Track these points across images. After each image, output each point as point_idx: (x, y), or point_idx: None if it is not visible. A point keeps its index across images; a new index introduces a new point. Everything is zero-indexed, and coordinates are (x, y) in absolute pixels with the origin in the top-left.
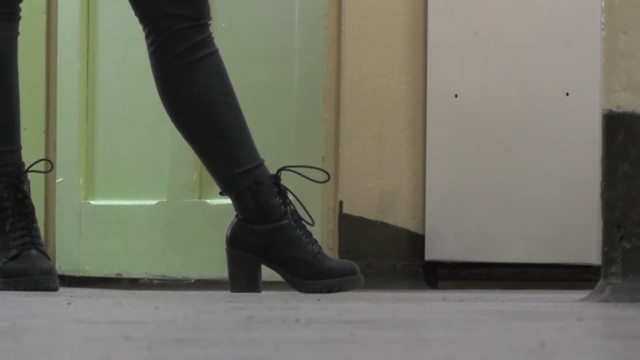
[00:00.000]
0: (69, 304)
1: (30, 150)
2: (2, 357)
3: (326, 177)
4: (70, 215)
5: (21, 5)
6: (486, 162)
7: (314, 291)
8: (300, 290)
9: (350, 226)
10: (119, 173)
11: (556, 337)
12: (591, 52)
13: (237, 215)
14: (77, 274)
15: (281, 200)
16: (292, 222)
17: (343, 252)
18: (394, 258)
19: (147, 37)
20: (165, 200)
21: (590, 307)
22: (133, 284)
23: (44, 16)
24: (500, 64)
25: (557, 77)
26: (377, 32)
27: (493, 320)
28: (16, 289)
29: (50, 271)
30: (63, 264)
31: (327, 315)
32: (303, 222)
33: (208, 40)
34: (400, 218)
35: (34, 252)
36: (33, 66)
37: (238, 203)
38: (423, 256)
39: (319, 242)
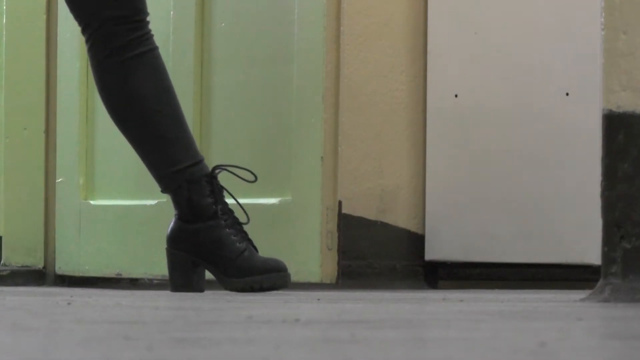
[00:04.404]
0: (69, 304)
1: (30, 150)
2: (2, 357)
3: (254, 178)
4: (70, 215)
5: (21, 5)
6: (486, 162)
7: (236, 289)
8: (226, 289)
9: (350, 226)
10: (119, 173)
11: (556, 337)
12: (591, 52)
13: (175, 214)
14: (77, 274)
15: (212, 200)
16: (222, 222)
17: (343, 252)
18: (394, 258)
19: (83, 33)
20: (165, 200)
21: (590, 307)
22: (133, 284)
23: (44, 16)
24: (500, 63)
25: (557, 77)
26: (377, 32)
27: (493, 320)
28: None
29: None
30: (63, 264)
31: (327, 315)
32: (238, 221)
33: (144, 38)
34: (400, 218)
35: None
36: (33, 66)
37: (174, 202)
38: (423, 256)
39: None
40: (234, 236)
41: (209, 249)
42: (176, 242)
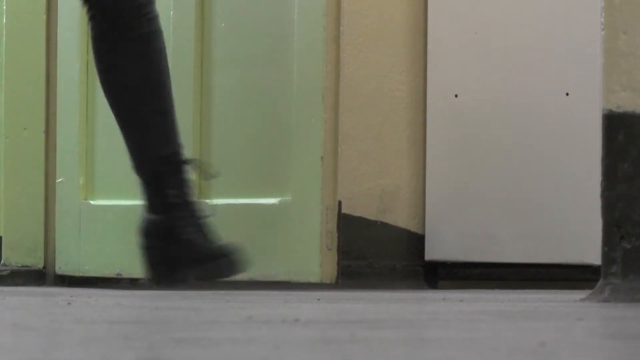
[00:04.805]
0: (69, 304)
1: (30, 150)
2: (2, 357)
3: (212, 176)
4: (70, 215)
5: (21, 5)
6: (486, 162)
7: (197, 278)
8: (180, 281)
9: (350, 226)
10: (119, 173)
11: (556, 337)
12: (591, 52)
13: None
14: (77, 274)
15: (176, 192)
16: (182, 214)
17: (343, 252)
18: (394, 258)
19: (87, 12)
20: None
21: (590, 307)
22: (133, 284)
23: (44, 16)
24: (500, 63)
25: (557, 77)
26: (377, 32)
27: (493, 320)
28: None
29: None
30: (63, 264)
31: (327, 315)
32: (196, 213)
33: (147, 18)
34: (400, 218)
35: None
36: (33, 66)
37: (142, 191)
38: (423, 256)
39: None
40: (191, 227)
41: (167, 242)
42: (148, 235)
